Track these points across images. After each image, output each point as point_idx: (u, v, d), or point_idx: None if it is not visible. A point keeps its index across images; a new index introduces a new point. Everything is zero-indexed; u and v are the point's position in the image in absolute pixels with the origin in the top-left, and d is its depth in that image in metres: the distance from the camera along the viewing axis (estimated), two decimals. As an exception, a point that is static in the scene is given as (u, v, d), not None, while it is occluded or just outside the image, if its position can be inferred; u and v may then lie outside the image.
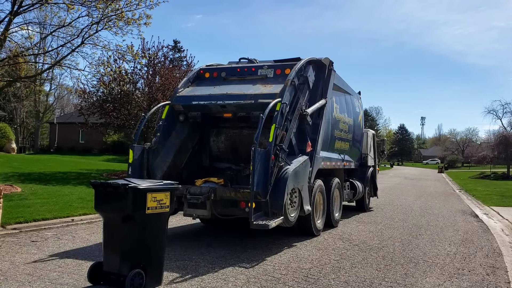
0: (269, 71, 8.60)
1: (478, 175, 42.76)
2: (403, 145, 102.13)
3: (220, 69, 9.18)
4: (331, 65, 9.54)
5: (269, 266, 6.18)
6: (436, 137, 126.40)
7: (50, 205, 10.73)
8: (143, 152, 7.84)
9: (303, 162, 7.60)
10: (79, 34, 13.78)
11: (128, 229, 4.79)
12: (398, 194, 19.86)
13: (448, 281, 5.70)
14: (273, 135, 6.88)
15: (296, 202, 7.40)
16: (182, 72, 20.95)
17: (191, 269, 5.89)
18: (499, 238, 9.09)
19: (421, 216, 12.21)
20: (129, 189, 4.72)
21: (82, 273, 5.44)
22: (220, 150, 9.33)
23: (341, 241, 8.12)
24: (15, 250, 6.68)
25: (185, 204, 7.34)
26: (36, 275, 5.42)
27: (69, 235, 8.10)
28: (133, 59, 18.05)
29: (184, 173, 8.59)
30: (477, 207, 15.42)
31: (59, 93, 54.23)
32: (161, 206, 4.97)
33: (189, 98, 8.48)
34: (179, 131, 8.62)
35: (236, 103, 8.02)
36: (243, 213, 7.08)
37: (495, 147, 43.79)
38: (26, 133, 57.66)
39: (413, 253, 7.31)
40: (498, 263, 6.85)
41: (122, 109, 20.29)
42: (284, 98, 7.46)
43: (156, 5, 13.88)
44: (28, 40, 14.13)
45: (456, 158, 79.99)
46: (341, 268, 6.19)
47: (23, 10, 13.03)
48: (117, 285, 4.74)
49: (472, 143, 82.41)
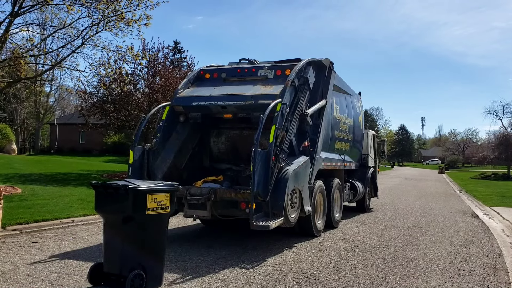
0: (269, 72, 8.60)
1: (478, 175, 42.73)
2: (403, 146, 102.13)
3: (221, 70, 9.18)
4: (331, 66, 9.55)
5: (270, 267, 6.18)
6: (436, 138, 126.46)
7: (51, 206, 10.73)
8: (143, 153, 7.85)
9: (303, 163, 7.60)
10: (79, 35, 13.79)
11: (128, 230, 4.79)
12: (398, 194, 19.85)
13: (448, 282, 5.70)
14: (273, 135, 6.88)
15: (297, 203, 7.40)
16: (183, 73, 20.97)
17: (192, 270, 5.89)
18: (500, 238, 9.08)
19: (422, 216, 12.20)
20: (130, 190, 4.72)
21: (82, 274, 5.44)
22: (221, 151, 9.33)
23: (342, 242, 8.11)
24: (16, 251, 6.68)
25: (186, 205, 7.34)
26: (37, 276, 5.42)
27: (70, 236, 8.10)
28: (133, 60, 18.06)
29: (184, 174, 8.58)
30: (477, 207, 15.41)
31: (59, 94, 54.34)
32: (161, 207, 4.97)
33: (189, 99, 8.48)
34: (180, 132, 8.62)
35: (236, 104, 8.02)
36: (244, 214, 7.08)
37: (496, 148, 43.77)
38: (27, 134, 57.68)
39: (413, 253, 7.30)
40: (498, 263, 6.84)
41: (122, 110, 20.30)
42: (284, 98, 7.46)
43: (156, 5, 13.87)
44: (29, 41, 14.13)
45: (456, 158, 79.97)
46: (342, 268, 6.19)
47: (23, 11, 13.04)
48: (118, 286, 4.74)
49: (473, 143, 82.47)
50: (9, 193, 12.44)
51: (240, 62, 9.50)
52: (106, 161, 36.98)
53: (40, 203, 11.08)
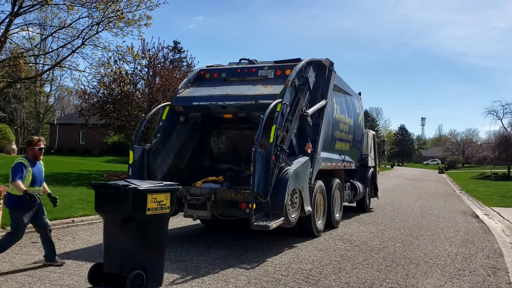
0: (269, 72, 8.59)
1: (478, 175, 42.72)
2: (403, 146, 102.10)
3: (221, 70, 9.17)
4: (332, 66, 9.54)
5: (270, 267, 6.17)
6: (436, 138, 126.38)
7: (50, 206, 10.68)
8: (143, 153, 7.84)
9: (303, 163, 7.59)
10: (79, 35, 13.80)
11: (128, 230, 4.78)
12: (398, 194, 19.84)
13: (449, 282, 5.69)
14: (273, 136, 6.88)
15: (297, 203, 7.40)
16: (183, 73, 20.94)
17: (192, 270, 5.88)
18: (500, 238, 9.08)
19: (422, 216, 12.19)
20: (130, 190, 4.71)
21: (82, 274, 5.44)
22: (221, 151, 9.32)
23: (342, 242, 8.11)
24: (15, 251, 6.67)
25: (186, 205, 7.33)
26: (36, 276, 5.42)
27: (70, 236, 8.09)
28: (133, 60, 18.06)
29: (184, 174, 8.58)
30: (477, 207, 15.40)
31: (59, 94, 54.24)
32: (161, 207, 4.96)
33: (189, 99, 8.47)
34: (180, 132, 8.62)
35: (236, 104, 8.02)
36: (244, 214, 7.07)
37: (496, 148, 43.73)
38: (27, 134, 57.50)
39: (414, 254, 7.29)
40: (499, 264, 6.83)
41: (122, 110, 20.28)
42: (284, 99, 7.45)
43: (157, 6, 13.89)
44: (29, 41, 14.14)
45: (456, 158, 79.95)
46: (342, 269, 6.18)
47: (23, 11, 13.04)
48: (118, 286, 4.73)
49: (473, 143, 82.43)
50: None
51: (240, 62, 9.49)
52: (106, 161, 36.97)
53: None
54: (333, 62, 9.60)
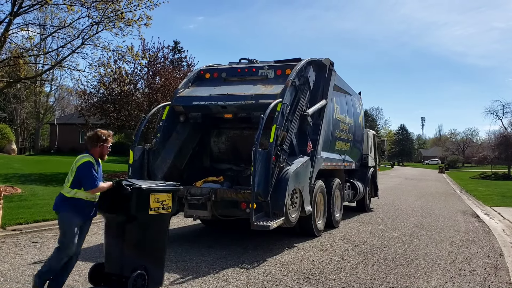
0: (269, 71, 8.59)
1: (478, 175, 42.71)
2: (403, 146, 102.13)
3: (221, 70, 9.17)
4: (332, 66, 9.54)
5: (270, 267, 6.17)
6: (436, 138, 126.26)
7: (51, 206, 10.65)
8: (143, 153, 7.83)
9: (304, 163, 7.59)
10: (79, 35, 13.77)
11: (131, 229, 4.77)
12: (398, 194, 19.84)
13: (449, 282, 5.69)
14: (274, 135, 6.87)
15: (297, 203, 7.39)
16: (182, 72, 20.92)
17: (192, 270, 5.88)
18: (500, 238, 9.07)
19: (422, 216, 12.19)
20: (133, 190, 4.70)
21: (82, 274, 5.43)
22: (221, 150, 9.31)
23: (342, 242, 8.10)
24: (15, 251, 6.67)
25: (186, 205, 7.33)
26: (37, 276, 5.40)
27: (70, 236, 8.07)
28: (133, 60, 18.05)
29: (184, 174, 8.57)
30: (478, 207, 15.40)
31: (59, 94, 54.25)
32: (163, 207, 4.96)
33: (189, 99, 8.47)
34: (180, 132, 8.61)
35: (236, 104, 8.01)
36: (244, 214, 7.06)
37: (496, 148, 43.72)
38: (27, 134, 57.63)
39: (414, 253, 7.29)
40: (499, 263, 6.83)
41: (122, 110, 20.27)
42: (284, 98, 7.45)
43: (156, 5, 13.85)
44: (28, 41, 14.11)
45: (456, 158, 79.91)
46: (342, 268, 6.18)
47: (23, 11, 13.02)
48: (119, 286, 4.72)
49: (473, 143, 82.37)
50: (9, 193, 12.43)
51: (240, 62, 9.49)
52: (106, 161, 36.67)
53: (40, 203, 11.07)
54: (333, 61, 9.60)
